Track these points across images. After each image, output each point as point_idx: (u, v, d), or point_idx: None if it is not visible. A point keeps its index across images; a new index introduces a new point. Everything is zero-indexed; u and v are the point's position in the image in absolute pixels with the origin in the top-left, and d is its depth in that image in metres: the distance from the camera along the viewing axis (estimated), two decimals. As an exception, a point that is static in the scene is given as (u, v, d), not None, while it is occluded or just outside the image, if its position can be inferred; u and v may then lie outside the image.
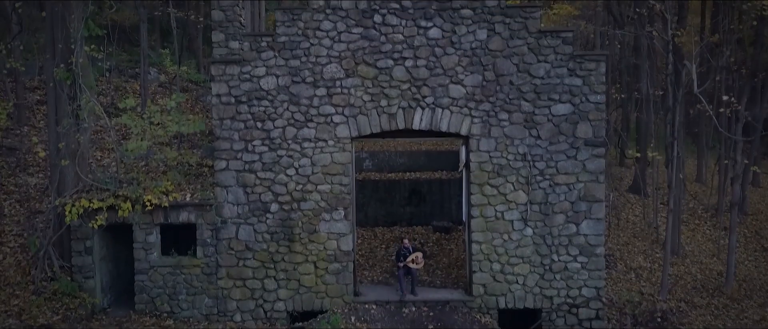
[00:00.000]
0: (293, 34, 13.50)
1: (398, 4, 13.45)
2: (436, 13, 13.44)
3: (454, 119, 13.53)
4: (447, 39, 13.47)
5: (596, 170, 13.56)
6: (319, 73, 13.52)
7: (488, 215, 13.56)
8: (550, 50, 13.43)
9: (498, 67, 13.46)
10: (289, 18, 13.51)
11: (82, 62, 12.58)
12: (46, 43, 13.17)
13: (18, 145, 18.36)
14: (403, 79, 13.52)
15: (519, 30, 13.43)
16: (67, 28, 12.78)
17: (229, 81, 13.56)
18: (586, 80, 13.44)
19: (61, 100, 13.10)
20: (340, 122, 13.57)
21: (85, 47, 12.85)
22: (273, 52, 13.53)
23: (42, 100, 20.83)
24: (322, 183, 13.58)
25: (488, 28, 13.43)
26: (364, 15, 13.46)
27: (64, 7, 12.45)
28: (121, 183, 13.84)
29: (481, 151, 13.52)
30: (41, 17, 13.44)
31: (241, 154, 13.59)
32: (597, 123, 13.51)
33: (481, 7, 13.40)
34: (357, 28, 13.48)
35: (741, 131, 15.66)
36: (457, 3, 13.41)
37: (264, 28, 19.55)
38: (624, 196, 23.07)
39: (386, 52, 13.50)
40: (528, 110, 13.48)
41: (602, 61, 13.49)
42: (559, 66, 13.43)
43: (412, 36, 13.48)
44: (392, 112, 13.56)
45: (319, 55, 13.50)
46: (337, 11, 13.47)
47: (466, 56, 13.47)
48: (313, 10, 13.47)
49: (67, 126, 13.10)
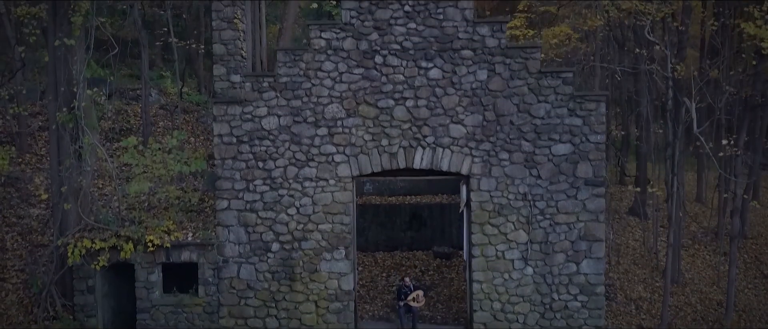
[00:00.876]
0: (295, 75, 13.57)
1: (399, 45, 13.52)
2: (437, 54, 13.51)
3: (454, 159, 13.59)
4: (447, 79, 13.53)
5: (596, 210, 13.63)
6: (321, 113, 13.58)
7: (489, 254, 13.62)
8: (550, 91, 13.49)
9: (498, 107, 13.52)
10: (291, 59, 13.58)
11: (84, 105, 12.63)
12: (48, 85, 13.23)
13: (20, 174, 18.42)
14: (404, 118, 13.58)
15: (519, 70, 13.50)
16: (70, 69, 12.84)
17: (230, 121, 13.62)
18: (586, 120, 13.50)
19: (64, 140, 13.16)
20: (341, 162, 13.63)
21: (88, 91, 12.90)
22: (275, 92, 13.60)
23: (44, 126, 20.90)
24: (323, 222, 13.65)
25: (488, 69, 13.50)
26: (365, 56, 13.53)
27: (66, 50, 12.50)
28: (123, 222, 13.90)
29: (482, 190, 13.58)
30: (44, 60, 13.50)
31: (242, 193, 13.65)
32: (597, 163, 13.58)
33: (481, 48, 13.47)
34: (358, 68, 13.55)
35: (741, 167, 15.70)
36: (457, 44, 13.48)
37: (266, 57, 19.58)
38: (624, 219, 23.13)
39: (387, 92, 13.57)
40: (528, 150, 13.55)
41: (602, 101, 13.56)
42: (560, 106, 13.49)
43: (413, 76, 13.55)
44: (393, 151, 13.63)
45: (320, 96, 13.57)
46: (339, 52, 13.54)
47: (467, 96, 13.54)
48: (314, 51, 13.54)
49: (70, 166, 13.16)
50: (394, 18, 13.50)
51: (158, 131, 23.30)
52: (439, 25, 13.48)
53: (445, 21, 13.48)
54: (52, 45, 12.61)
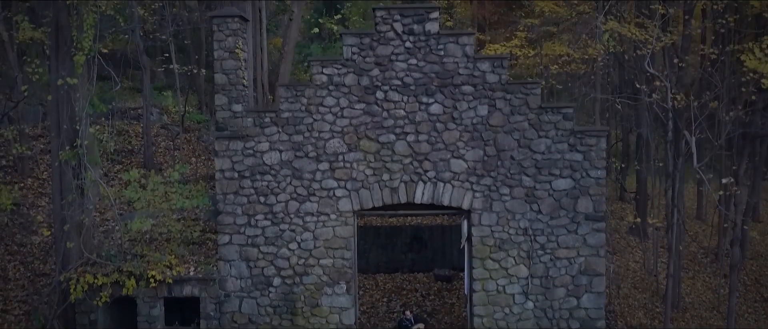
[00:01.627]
0: (296, 110, 13.62)
1: (400, 81, 13.57)
2: (438, 89, 13.56)
3: (455, 193, 13.64)
4: (448, 114, 13.59)
5: (597, 245, 13.68)
6: (322, 148, 13.64)
7: (490, 289, 13.67)
8: (550, 126, 13.55)
9: (499, 142, 13.57)
10: (293, 94, 13.63)
11: (87, 143, 12.68)
12: (51, 121, 13.29)
13: (21, 200, 18.48)
14: (405, 153, 13.64)
15: (520, 106, 13.55)
16: (72, 106, 12.89)
17: (232, 156, 13.67)
18: (587, 156, 13.55)
19: (66, 176, 13.21)
20: (342, 196, 13.68)
21: (90, 129, 12.95)
22: (276, 127, 13.65)
23: (45, 148, 20.97)
24: (324, 257, 13.70)
25: (489, 104, 13.55)
26: (367, 91, 13.58)
27: (69, 88, 12.56)
28: (126, 255, 13.96)
29: (483, 225, 13.64)
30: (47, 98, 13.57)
31: (244, 228, 13.71)
32: (597, 198, 13.63)
33: (481, 84, 13.52)
34: (359, 103, 13.60)
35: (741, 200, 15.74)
36: (458, 79, 13.53)
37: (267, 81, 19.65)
38: (624, 239, 23.18)
39: (388, 127, 13.62)
40: (529, 185, 13.60)
41: (603, 136, 13.61)
42: (560, 141, 13.54)
43: (414, 111, 13.60)
44: (394, 186, 13.68)
45: (322, 131, 13.62)
46: (340, 87, 13.59)
47: (467, 131, 13.59)
48: (316, 86, 13.59)
49: (72, 201, 13.21)
50: (395, 54, 13.56)
51: (159, 151, 23.39)
52: (440, 60, 13.54)
53: (445, 57, 13.53)
54: (54, 83, 12.66)
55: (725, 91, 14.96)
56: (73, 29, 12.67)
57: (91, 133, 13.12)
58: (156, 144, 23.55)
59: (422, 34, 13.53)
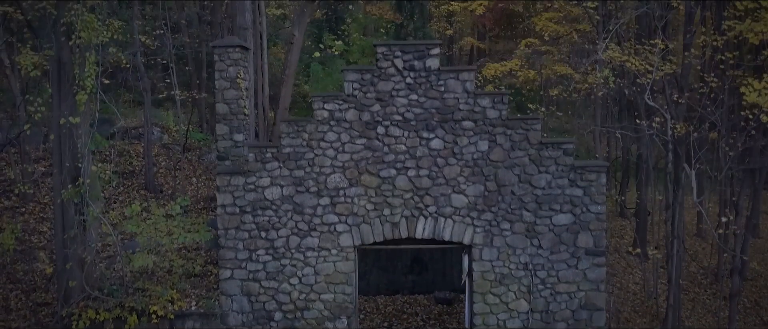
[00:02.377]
0: (298, 145, 13.67)
1: (401, 116, 13.62)
2: (438, 124, 13.61)
3: (456, 229, 13.69)
4: (449, 150, 13.64)
5: (597, 279, 13.73)
6: (323, 183, 13.69)
7: (490, 323, 13.73)
8: (551, 161, 13.60)
9: (500, 177, 13.63)
10: (294, 130, 13.68)
11: (89, 181, 12.73)
12: (53, 159, 13.33)
13: (23, 225, 18.52)
14: (406, 188, 13.69)
15: (520, 141, 13.60)
16: (75, 143, 12.94)
17: (233, 192, 13.72)
18: (587, 191, 13.61)
19: (68, 212, 13.26)
20: (343, 231, 13.74)
21: (93, 167, 13.00)
22: (278, 162, 13.70)
23: (47, 171, 21.02)
24: (325, 292, 13.75)
25: (489, 140, 13.61)
26: (368, 126, 13.63)
27: (71, 126, 12.61)
28: (127, 289, 14.01)
29: (484, 260, 13.70)
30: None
31: (245, 263, 13.76)
32: (597, 233, 13.68)
33: (482, 119, 13.57)
34: (360, 138, 13.65)
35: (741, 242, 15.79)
36: (458, 115, 13.59)
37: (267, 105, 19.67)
38: (625, 259, 23.21)
39: (389, 162, 13.67)
40: (529, 220, 13.65)
41: (603, 172, 13.66)
42: (560, 177, 13.59)
43: (415, 146, 13.66)
44: (395, 221, 13.73)
45: (323, 166, 13.68)
46: (341, 123, 13.64)
47: (468, 167, 13.64)
48: (317, 122, 13.65)
49: (74, 236, 13.26)
50: (395, 90, 13.62)
51: (160, 172, 23.44)
52: (441, 96, 13.60)
53: (446, 93, 13.59)
54: (56, 122, 12.71)
55: (724, 126, 15.00)
56: (75, 66, 12.72)
57: (93, 171, 13.15)
58: (157, 164, 23.61)
59: (423, 70, 13.59)
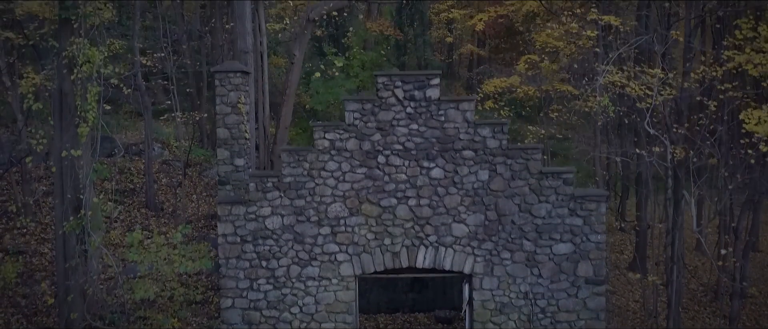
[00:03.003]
0: (299, 175, 13.72)
1: (401, 146, 13.67)
2: (439, 154, 13.66)
3: (457, 258, 13.74)
4: (449, 179, 13.68)
5: (597, 308, 13.78)
6: (324, 212, 13.73)
7: (490, 352, 13.77)
8: (551, 191, 13.64)
9: (500, 207, 13.67)
10: (295, 159, 13.72)
11: (91, 213, 12.78)
12: (55, 190, 13.38)
13: (24, 247, 18.57)
14: (407, 217, 13.73)
15: (520, 171, 13.65)
16: (76, 174, 12.98)
17: (234, 221, 13.76)
18: (587, 220, 13.65)
19: (69, 243, 13.30)
20: (343, 261, 13.78)
21: (95, 199, 13.04)
22: (278, 192, 13.74)
23: (48, 190, 21.06)
24: (325, 322, 13.80)
25: (490, 169, 13.65)
26: (368, 155, 13.68)
27: (73, 158, 12.65)
28: (129, 317, 14.05)
29: (484, 289, 13.74)
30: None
31: (246, 292, 13.80)
32: (597, 262, 13.73)
33: (482, 149, 13.62)
34: (361, 168, 13.70)
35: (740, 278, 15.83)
36: (458, 144, 13.63)
37: (268, 124, 19.73)
38: (624, 275, 23.24)
39: (390, 191, 13.72)
40: (530, 249, 13.70)
41: (603, 201, 13.70)
42: (560, 206, 13.64)
43: (415, 176, 13.70)
44: (396, 250, 13.78)
45: (323, 195, 13.72)
46: (342, 152, 13.69)
47: (469, 196, 13.68)
48: (318, 151, 13.69)
49: (76, 266, 13.31)
50: (396, 119, 13.66)
51: (161, 189, 23.48)
52: (441, 126, 13.64)
53: (446, 122, 13.63)
54: (58, 154, 12.75)
55: (724, 154, 15.04)
56: (77, 97, 12.76)
57: (95, 203, 13.19)
58: (157, 181, 23.66)
59: (423, 100, 13.63)
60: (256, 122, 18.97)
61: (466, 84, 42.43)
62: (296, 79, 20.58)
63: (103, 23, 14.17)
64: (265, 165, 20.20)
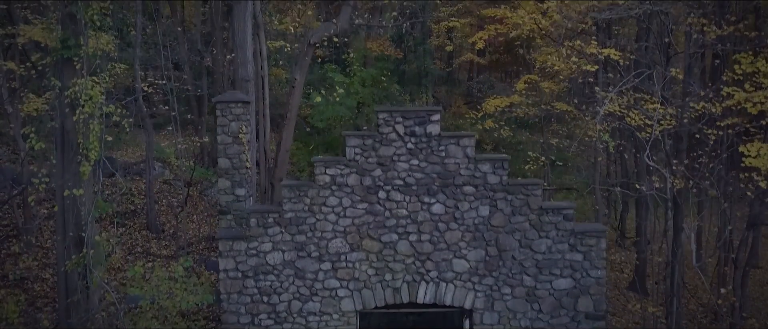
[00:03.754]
0: (299, 210, 13.76)
1: (402, 181, 13.71)
2: (440, 189, 13.70)
3: (458, 293, 13.79)
4: (450, 214, 13.73)
5: (597, 343, 13.83)
6: (325, 248, 13.78)
7: (491, 387, 13.82)
8: (551, 226, 13.69)
9: (500, 242, 13.72)
10: (296, 194, 13.77)
11: (93, 252, 12.83)
12: (57, 227, 13.42)
13: (26, 274, 18.62)
14: (408, 253, 13.78)
15: (521, 206, 13.69)
16: (78, 211, 13.03)
17: (236, 256, 13.80)
18: (587, 256, 13.70)
19: (71, 278, 13.35)
20: (344, 296, 13.83)
21: (97, 237, 13.09)
22: (279, 227, 13.79)
23: (50, 213, 21.11)
24: (327, 356, 13.85)
25: (490, 205, 13.70)
26: (369, 191, 13.72)
27: (75, 197, 12.71)
28: (131, 353, 14.11)
29: (485, 324, 13.79)
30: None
31: (247, 327, 13.83)
32: (597, 297, 13.78)
33: (483, 184, 13.66)
34: (362, 203, 13.74)
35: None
36: (459, 180, 13.68)
37: (268, 148, 19.79)
38: (624, 295, 23.27)
39: (390, 226, 13.76)
40: (530, 285, 13.74)
41: (602, 237, 13.75)
42: (560, 242, 13.69)
43: (416, 211, 13.74)
44: (397, 286, 13.82)
45: (324, 231, 13.76)
46: (343, 188, 13.73)
47: (469, 231, 13.73)
48: (319, 186, 13.73)
49: (77, 303, 13.35)
50: (397, 155, 13.70)
51: (162, 210, 23.53)
52: (442, 161, 13.68)
53: (447, 158, 13.68)
54: (60, 193, 12.80)
55: (723, 188, 15.09)
56: (79, 135, 12.80)
57: (98, 241, 13.23)
58: (158, 202, 23.71)
59: (424, 135, 13.68)
60: (256, 146, 19.05)
61: (465, 92, 42.54)
62: (297, 103, 20.64)
63: (106, 53, 14.25)
64: (265, 189, 20.27)
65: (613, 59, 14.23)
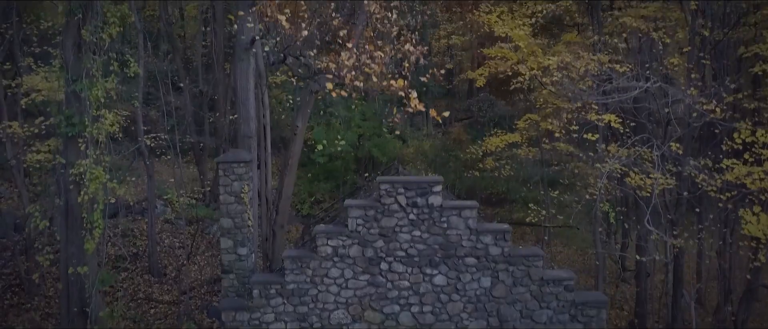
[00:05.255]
0: (302, 282, 13.84)
1: (404, 253, 13.79)
2: (441, 261, 13.78)
3: (459, 364, 13.88)
4: (452, 286, 13.81)
5: None
6: (327, 319, 13.86)
7: None
8: (552, 297, 13.77)
9: (502, 313, 13.80)
10: (298, 265, 13.85)
11: (99, 316, 12.91)
12: (61, 306, 13.52)
13: (28, 325, 18.71)
14: (410, 325, 13.86)
15: (522, 278, 13.77)
16: (83, 287, 13.10)
17: (239, 327, 13.88)
18: (587, 326, 13.78)
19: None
20: (347, 366, 13.91)
21: (101, 314, 13.18)
22: (282, 298, 13.86)
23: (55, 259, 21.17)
24: None
25: (492, 276, 13.78)
26: (371, 262, 13.80)
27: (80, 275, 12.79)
28: None
29: (486, 394, 13.87)
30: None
31: (251, 397, 13.93)
32: (598, 367, 13.86)
33: (484, 256, 13.74)
34: (364, 275, 13.82)
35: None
36: (461, 251, 13.75)
37: (270, 196, 19.85)
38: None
39: (392, 298, 13.84)
40: (531, 355, 13.83)
41: (603, 308, 13.83)
42: (561, 312, 13.77)
43: (418, 283, 13.83)
44: (398, 356, 13.91)
45: (326, 302, 13.84)
46: (345, 259, 13.81)
47: (471, 303, 13.81)
48: (321, 258, 13.81)
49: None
50: (399, 226, 13.78)
51: (163, 252, 23.61)
52: (444, 233, 13.76)
53: (449, 229, 13.75)
54: (64, 270, 12.88)
55: (723, 262, 15.19)
56: (83, 210, 12.89)
57: (101, 316, 13.32)
58: (160, 243, 23.79)
59: (426, 206, 13.75)
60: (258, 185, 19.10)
61: (466, 107, 42.61)
62: (299, 150, 20.69)
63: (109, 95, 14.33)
64: (267, 236, 20.34)
65: (614, 127, 14.31)
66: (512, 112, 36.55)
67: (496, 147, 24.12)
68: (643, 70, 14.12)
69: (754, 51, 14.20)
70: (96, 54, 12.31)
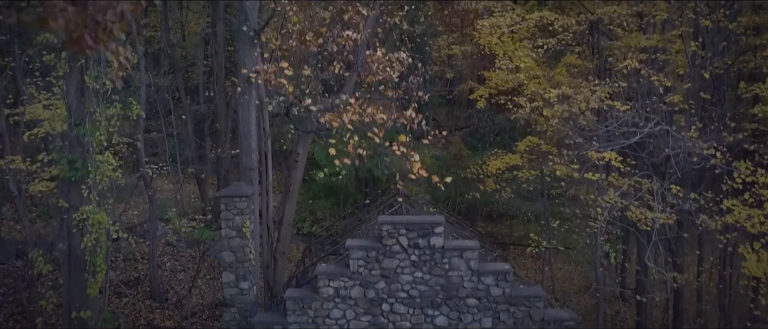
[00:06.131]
0: (303, 323, 13.89)
1: (406, 294, 13.85)
2: (443, 302, 13.84)
3: (460, 404, 13.93)
4: (453, 327, 13.86)
5: None
6: (329, 359, 13.92)
7: None
8: (553, 338, 13.83)
9: (503, 354, 13.87)
10: (300, 307, 13.90)
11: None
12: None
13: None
14: (411, 364, 13.92)
15: (523, 318, 13.83)
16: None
17: (241, 367, 13.96)
18: (589, 367, 13.86)
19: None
20: None
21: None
22: (284, 339, 13.93)
23: (55, 284, 21.23)
24: None
25: (493, 317, 13.83)
26: (373, 303, 13.86)
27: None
28: None
29: None
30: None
31: None
32: None
33: (486, 297, 13.80)
34: (365, 315, 13.88)
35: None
36: (462, 292, 13.81)
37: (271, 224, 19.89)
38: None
39: (394, 338, 13.90)
40: (532, 395, 13.89)
41: (604, 349, 13.91)
42: (562, 353, 13.83)
43: (420, 323, 13.88)
44: (400, 396, 13.97)
45: (328, 342, 13.91)
46: (346, 300, 13.87)
47: (472, 343, 13.87)
48: (323, 299, 13.87)
49: None
50: (400, 267, 13.83)
51: (165, 275, 23.66)
52: (445, 274, 13.81)
53: (450, 270, 13.80)
54: (67, 315, 12.93)
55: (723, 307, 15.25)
56: (86, 253, 12.94)
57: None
58: (161, 265, 23.84)
59: (427, 247, 13.80)
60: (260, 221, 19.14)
61: (466, 115, 42.62)
62: (300, 177, 20.71)
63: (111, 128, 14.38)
64: (268, 263, 20.39)
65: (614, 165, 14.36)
66: (513, 124, 36.60)
67: (497, 170, 24.15)
68: (643, 109, 14.18)
69: (753, 92, 14.27)
70: (98, 99, 12.36)
